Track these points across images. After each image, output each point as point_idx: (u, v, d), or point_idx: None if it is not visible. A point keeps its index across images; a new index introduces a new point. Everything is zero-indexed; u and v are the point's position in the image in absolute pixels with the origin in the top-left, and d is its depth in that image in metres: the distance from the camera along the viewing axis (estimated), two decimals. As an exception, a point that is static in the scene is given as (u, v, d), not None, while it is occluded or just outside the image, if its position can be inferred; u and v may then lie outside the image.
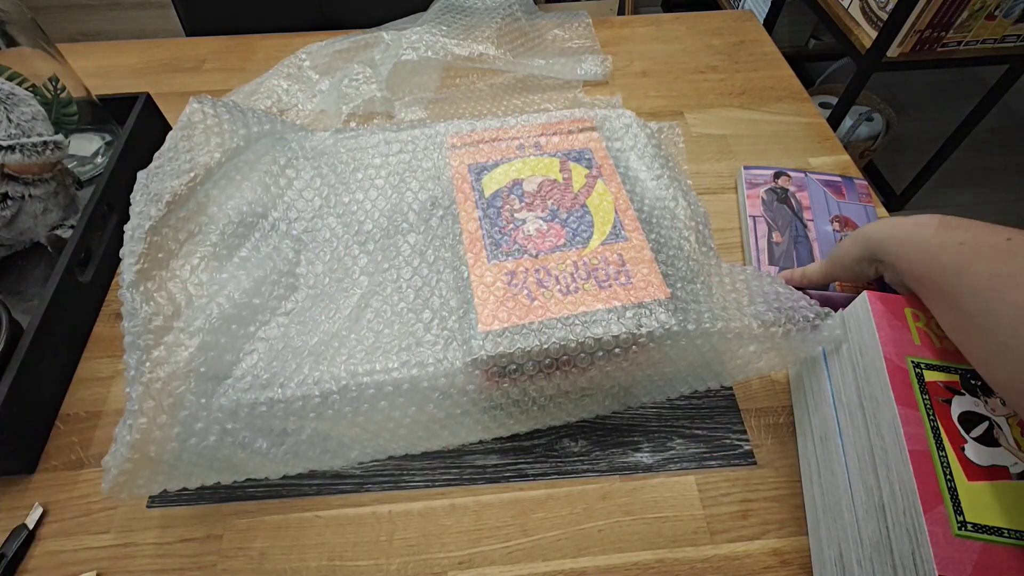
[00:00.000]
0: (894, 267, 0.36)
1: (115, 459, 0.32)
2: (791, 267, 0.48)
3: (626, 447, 0.41)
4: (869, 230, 0.38)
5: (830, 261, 0.42)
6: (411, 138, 0.49)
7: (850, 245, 0.40)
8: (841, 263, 0.41)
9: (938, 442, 0.32)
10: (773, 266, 0.49)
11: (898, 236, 0.35)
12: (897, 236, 0.35)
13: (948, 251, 0.32)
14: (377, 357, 0.36)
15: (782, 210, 0.53)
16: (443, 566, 0.37)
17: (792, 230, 0.51)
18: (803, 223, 0.52)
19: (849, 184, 0.55)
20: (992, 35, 1.08)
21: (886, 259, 0.36)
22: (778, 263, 0.49)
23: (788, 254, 0.50)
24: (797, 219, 0.52)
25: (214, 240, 0.40)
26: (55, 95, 0.52)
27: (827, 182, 0.54)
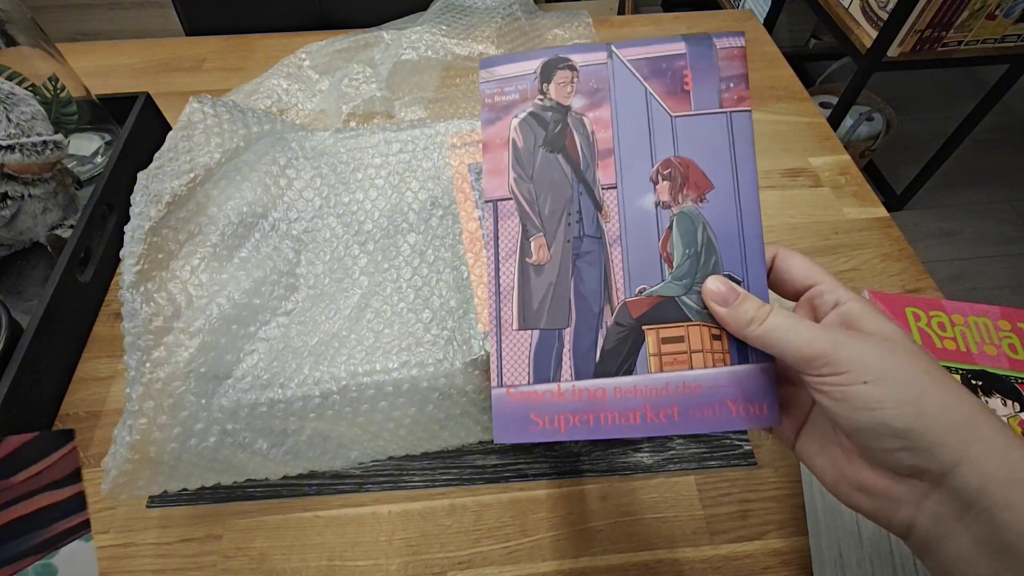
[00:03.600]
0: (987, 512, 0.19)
1: (115, 460, 0.32)
2: (557, 340, 0.26)
3: (626, 447, 0.41)
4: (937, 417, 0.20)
5: (833, 344, 0.21)
6: (411, 138, 0.49)
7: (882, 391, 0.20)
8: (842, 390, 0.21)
9: (938, 442, 0.32)
10: (528, 330, 0.26)
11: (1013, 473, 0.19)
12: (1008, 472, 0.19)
13: None
14: (377, 357, 0.36)
15: (553, 169, 0.27)
16: (443, 566, 0.37)
17: (570, 226, 0.27)
18: (593, 195, 0.27)
19: (701, 51, 0.27)
20: (992, 35, 1.08)
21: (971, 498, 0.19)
22: (537, 321, 0.26)
23: (559, 291, 0.26)
24: (582, 184, 0.27)
25: (214, 240, 0.40)
26: (55, 95, 0.52)
27: (654, 64, 0.27)
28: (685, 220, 0.26)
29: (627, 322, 0.26)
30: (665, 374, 0.25)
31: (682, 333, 0.25)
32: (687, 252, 0.26)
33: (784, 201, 0.57)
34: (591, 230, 0.27)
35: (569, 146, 0.27)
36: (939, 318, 0.37)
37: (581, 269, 0.26)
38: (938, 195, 1.57)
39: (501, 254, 0.27)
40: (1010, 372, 0.35)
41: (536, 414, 0.25)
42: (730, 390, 0.25)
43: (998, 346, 0.36)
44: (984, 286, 1.42)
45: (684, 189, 0.26)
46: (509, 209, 0.27)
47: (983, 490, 0.19)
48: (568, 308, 0.26)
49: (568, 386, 0.25)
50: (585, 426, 0.25)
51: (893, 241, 0.54)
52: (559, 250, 0.27)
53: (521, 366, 0.26)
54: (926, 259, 1.45)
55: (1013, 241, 1.51)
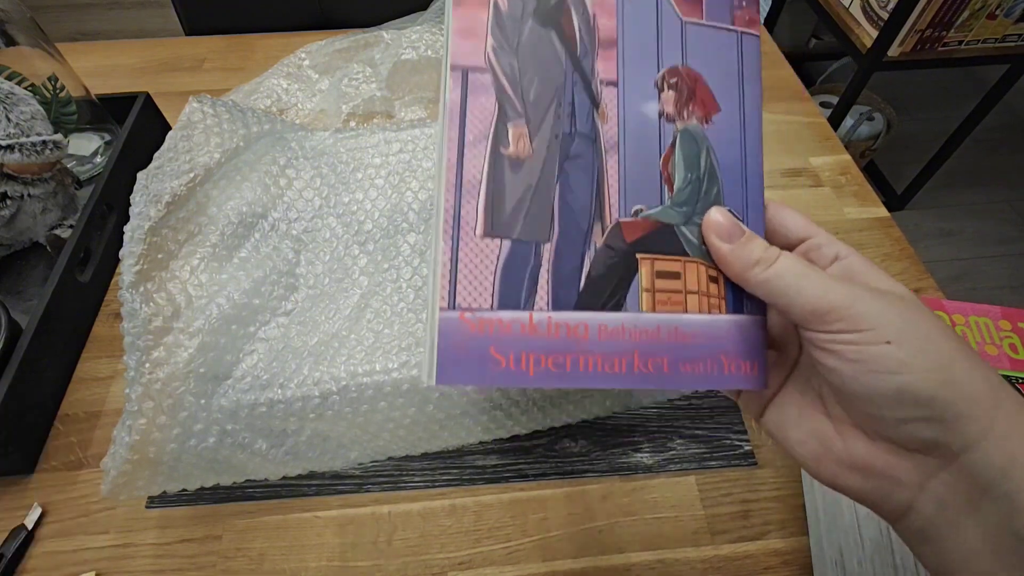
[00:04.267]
0: (1007, 498, 0.17)
1: (114, 460, 0.32)
2: (536, 256, 0.21)
3: (626, 447, 0.41)
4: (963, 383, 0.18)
5: (850, 297, 0.19)
6: (411, 138, 0.48)
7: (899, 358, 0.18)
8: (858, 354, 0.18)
9: (939, 443, 0.32)
10: (496, 238, 0.21)
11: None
12: None
13: None
14: (377, 357, 0.36)
15: (544, 45, 0.22)
16: (443, 567, 0.37)
17: (561, 119, 0.22)
18: (589, 87, 0.23)
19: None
20: (993, 34, 1.08)
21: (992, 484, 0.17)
22: (510, 228, 0.21)
23: (541, 194, 0.22)
24: (577, 72, 0.23)
25: (214, 241, 0.40)
26: (54, 94, 0.52)
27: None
28: (689, 140, 0.23)
29: (619, 246, 0.22)
30: (658, 315, 0.21)
31: (679, 268, 0.22)
32: (689, 176, 0.22)
33: (785, 201, 0.57)
34: (585, 128, 0.22)
35: (566, 23, 0.22)
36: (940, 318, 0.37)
37: (569, 174, 0.22)
38: (939, 195, 1.57)
39: (468, 137, 0.21)
40: (1011, 372, 0.35)
41: (498, 350, 0.20)
42: (724, 343, 0.21)
43: (999, 346, 0.36)
44: (985, 286, 1.42)
45: (690, 104, 0.23)
46: (483, 83, 0.21)
47: (1007, 471, 0.16)
48: (550, 218, 0.21)
49: (543, 317, 0.20)
50: (560, 371, 0.20)
51: (894, 241, 0.54)
52: (544, 145, 0.22)
53: (483, 285, 0.21)
54: (927, 259, 1.45)
55: (1014, 241, 1.51)
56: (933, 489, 0.18)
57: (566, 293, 0.21)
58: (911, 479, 0.18)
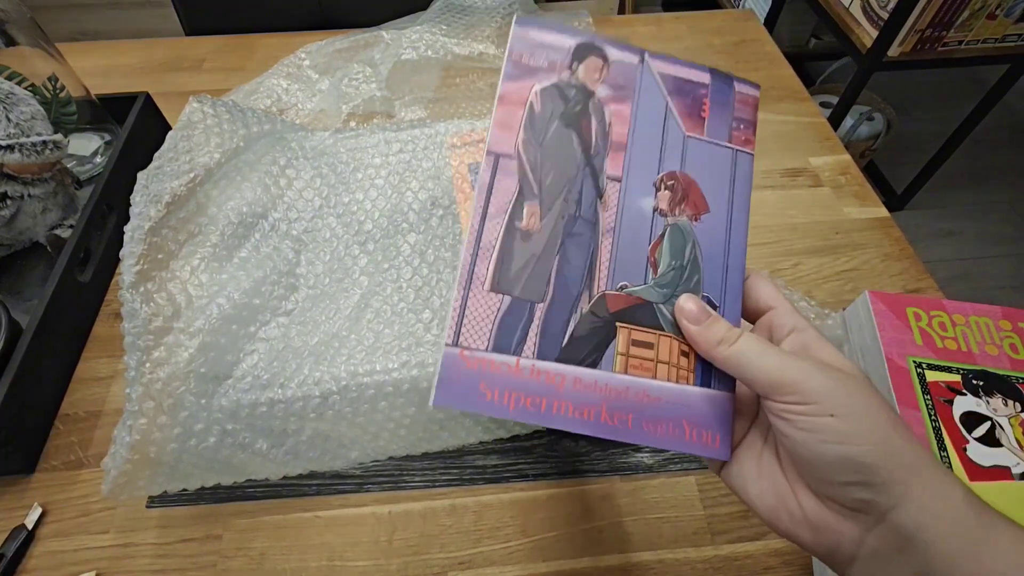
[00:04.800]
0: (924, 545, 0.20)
1: (115, 460, 0.32)
2: (528, 313, 0.24)
3: (626, 447, 0.41)
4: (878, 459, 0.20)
5: (800, 373, 0.21)
6: (411, 138, 0.48)
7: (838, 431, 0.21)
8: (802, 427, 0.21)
9: (940, 442, 0.32)
10: (500, 293, 0.24)
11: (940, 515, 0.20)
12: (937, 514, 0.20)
13: None
14: (377, 357, 0.36)
15: (564, 143, 0.26)
16: (443, 566, 0.37)
17: (568, 204, 0.26)
18: (596, 181, 0.26)
19: (722, 93, 0.29)
20: (993, 34, 1.08)
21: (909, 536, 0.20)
22: (512, 287, 0.25)
23: (542, 263, 0.25)
24: (588, 168, 0.26)
25: (214, 241, 0.40)
26: (54, 94, 0.52)
27: (681, 86, 0.28)
28: (678, 232, 0.26)
29: (603, 314, 0.25)
30: (629, 377, 0.24)
31: (653, 340, 0.25)
32: (673, 263, 0.26)
33: (784, 201, 0.57)
34: (588, 214, 0.26)
35: (584, 127, 0.27)
36: (940, 318, 0.37)
37: (568, 248, 0.26)
38: (939, 195, 1.57)
39: (491, 210, 0.25)
40: (1011, 372, 0.35)
41: (486, 385, 0.23)
42: (688, 411, 0.24)
43: (999, 346, 0.36)
44: (985, 286, 1.42)
45: (683, 204, 0.27)
46: (509, 168, 0.26)
47: (922, 525, 0.19)
48: (547, 283, 0.25)
49: (528, 364, 0.24)
50: (536, 410, 0.23)
51: (894, 241, 0.54)
52: (551, 223, 0.26)
53: (482, 330, 0.24)
54: (927, 259, 1.45)
55: (1014, 241, 1.51)
56: (869, 542, 0.21)
57: (551, 346, 0.24)
58: (852, 535, 0.21)
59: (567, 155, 0.26)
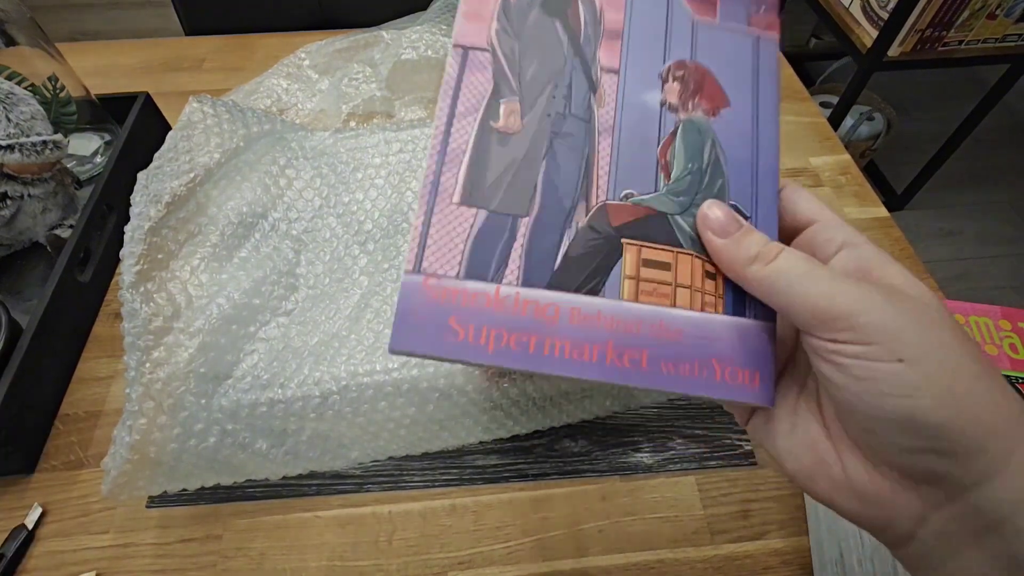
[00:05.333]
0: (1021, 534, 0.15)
1: (115, 460, 0.32)
2: (510, 229, 0.21)
3: (626, 447, 0.41)
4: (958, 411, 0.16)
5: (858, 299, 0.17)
6: (411, 137, 0.48)
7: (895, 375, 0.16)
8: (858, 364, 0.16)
9: (939, 443, 0.32)
10: (472, 207, 0.21)
11: None
12: None
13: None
14: (377, 357, 0.36)
15: (547, 32, 0.23)
16: (443, 566, 0.37)
17: (555, 100, 0.22)
18: (589, 73, 0.23)
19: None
20: (993, 34, 1.08)
21: None
22: (488, 199, 0.21)
23: (525, 169, 0.21)
24: (578, 58, 0.23)
25: (214, 241, 0.40)
26: (54, 94, 0.52)
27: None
28: (692, 130, 0.22)
29: (604, 229, 0.21)
30: (640, 305, 0.20)
31: (670, 259, 0.20)
32: (689, 166, 0.21)
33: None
34: (579, 111, 0.22)
35: (571, 13, 0.23)
36: (940, 318, 0.37)
37: (558, 152, 0.21)
38: (939, 195, 1.57)
39: (459, 109, 0.21)
40: (1011, 372, 0.35)
41: (458, 321, 0.19)
42: (717, 345, 0.19)
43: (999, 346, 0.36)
44: (985, 286, 1.42)
45: (696, 97, 0.22)
46: (481, 61, 0.22)
47: (1018, 509, 0.15)
48: (532, 193, 0.21)
49: (511, 291, 0.19)
50: (522, 351, 0.19)
51: (894, 241, 0.54)
52: (534, 122, 0.22)
53: (452, 252, 0.20)
54: (927, 259, 1.45)
55: (1014, 241, 1.51)
56: (936, 521, 0.16)
57: (539, 271, 0.20)
58: (913, 511, 0.17)
59: (551, 45, 0.22)
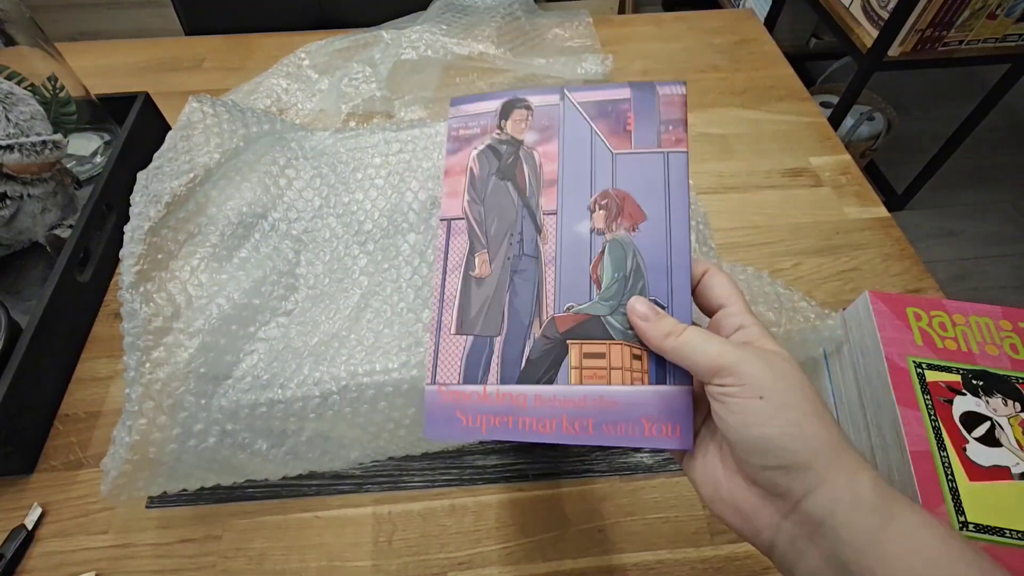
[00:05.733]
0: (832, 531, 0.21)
1: (114, 461, 0.32)
2: (488, 347, 0.28)
3: (626, 448, 0.41)
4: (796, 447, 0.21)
5: (731, 360, 0.23)
6: (411, 138, 0.48)
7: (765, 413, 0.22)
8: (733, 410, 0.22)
9: (939, 442, 0.32)
10: (463, 335, 0.28)
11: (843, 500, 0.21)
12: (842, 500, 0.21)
13: None
14: (377, 357, 0.36)
15: (502, 194, 0.30)
16: (443, 567, 0.37)
17: (512, 246, 0.29)
18: (535, 219, 0.29)
19: (645, 102, 0.29)
20: (993, 34, 1.08)
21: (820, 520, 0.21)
22: (472, 327, 0.28)
23: (495, 302, 0.28)
24: (526, 209, 0.29)
25: (214, 241, 0.40)
26: (54, 94, 0.52)
27: (601, 107, 0.30)
28: (617, 247, 0.28)
29: (553, 335, 0.27)
30: (584, 387, 0.26)
31: (604, 350, 0.26)
32: (616, 276, 0.27)
33: (785, 201, 0.57)
34: (530, 250, 0.29)
35: (519, 175, 0.30)
36: (940, 318, 0.37)
37: (517, 284, 0.28)
38: (939, 195, 1.57)
39: (449, 266, 0.29)
40: (1011, 372, 0.35)
41: (461, 412, 0.27)
42: (645, 408, 0.25)
43: (999, 346, 0.36)
44: (986, 286, 1.42)
45: (619, 218, 0.28)
46: (460, 227, 0.30)
47: (831, 511, 0.20)
48: (501, 318, 0.28)
49: (493, 389, 0.27)
50: (504, 428, 0.26)
51: (894, 241, 0.54)
52: (499, 266, 0.29)
53: (453, 367, 0.28)
54: (927, 259, 1.45)
55: (1015, 241, 1.51)
56: (785, 528, 0.22)
57: (511, 372, 0.27)
58: (772, 520, 0.22)
59: (506, 204, 0.29)
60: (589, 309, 0.27)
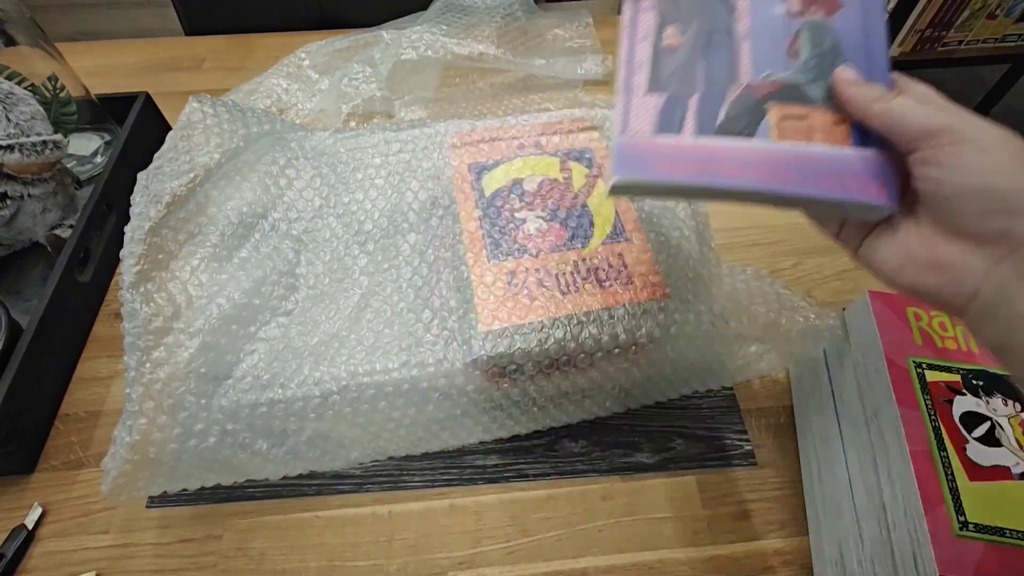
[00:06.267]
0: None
1: (115, 461, 0.32)
2: (682, 104, 0.28)
3: (626, 447, 0.41)
4: None
5: (947, 125, 0.24)
6: (411, 138, 0.48)
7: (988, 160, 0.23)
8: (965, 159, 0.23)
9: (939, 442, 0.32)
10: (656, 94, 0.29)
11: None
12: None
13: None
14: (377, 357, 0.36)
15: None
16: (443, 566, 0.37)
17: (704, 21, 0.30)
18: (729, 5, 0.30)
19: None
20: (993, 34, 1.08)
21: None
22: (665, 86, 0.29)
23: (688, 68, 0.29)
24: (720, 1, 0.30)
25: (214, 241, 0.40)
26: (54, 94, 0.52)
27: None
28: (814, 27, 0.28)
29: (751, 97, 0.28)
30: (785, 143, 0.26)
31: (805, 112, 0.27)
32: (814, 52, 0.28)
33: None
34: (723, 26, 0.29)
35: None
36: (940, 318, 0.37)
37: (711, 55, 0.29)
38: (938, 195, 1.57)
39: (637, 36, 0.30)
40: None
41: (654, 160, 0.26)
42: (850, 166, 0.26)
43: (999, 346, 0.36)
44: (984, 286, 1.42)
45: (813, 5, 0.29)
46: (647, 6, 0.30)
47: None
48: (695, 81, 0.28)
49: (689, 139, 0.27)
50: (700, 173, 0.26)
51: (894, 241, 0.54)
52: (691, 38, 0.29)
53: (646, 120, 0.28)
54: (926, 259, 1.44)
55: (1013, 241, 1.50)
56: (998, 273, 0.22)
57: (706, 126, 0.27)
58: (979, 267, 0.23)
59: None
60: (788, 77, 0.28)
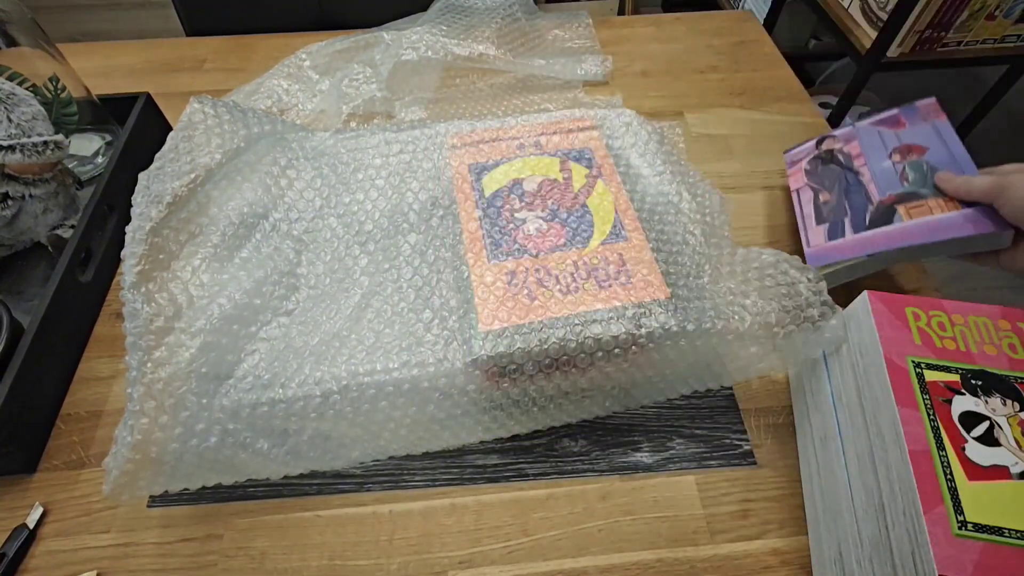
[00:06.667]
0: None
1: (116, 460, 0.32)
2: (840, 222, 0.46)
3: (626, 447, 0.41)
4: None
5: (998, 183, 0.38)
6: (411, 138, 0.49)
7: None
8: (1014, 197, 0.37)
9: (938, 442, 0.32)
10: (822, 224, 0.47)
11: None
12: None
13: None
14: (378, 357, 0.36)
15: (829, 170, 0.50)
16: (443, 566, 0.37)
17: (841, 183, 0.48)
18: (854, 171, 0.48)
19: (910, 111, 0.50)
20: (992, 35, 1.08)
21: None
22: (827, 219, 0.47)
23: (838, 207, 0.47)
24: (847, 171, 0.48)
25: (215, 241, 0.40)
26: (55, 95, 0.52)
27: (882, 120, 0.50)
28: (914, 163, 0.45)
29: (883, 207, 0.44)
30: (917, 219, 0.42)
31: (923, 202, 0.42)
32: (917, 175, 0.44)
33: (784, 201, 0.57)
34: (854, 184, 0.47)
35: (836, 161, 0.50)
36: (939, 318, 0.37)
37: (851, 196, 0.47)
38: (938, 195, 1.57)
39: (802, 200, 0.51)
40: (1010, 372, 0.35)
41: (832, 254, 0.45)
42: (966, 216, 0.40)
43: (998, 346, 0.36)
44: (984, 286, 1.42)
45: (909, 155, 0.46)
46: (805, 189, 0.51)
47: None
48: (846, 210, 0.46)
49: (850, 236, 0.44)
50: (863, 246, 0.43)
51: (893, 241, 0.54)
52: (835, 196, 0.48)
53: (819, 234, 0.47)
54: (926, 259, 1.44)
55: (1013, 241, 1.50)
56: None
57: (859, 229, 0.44)
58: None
59: (832, 173, 0.50)
60: (904, 190, 0.44)
